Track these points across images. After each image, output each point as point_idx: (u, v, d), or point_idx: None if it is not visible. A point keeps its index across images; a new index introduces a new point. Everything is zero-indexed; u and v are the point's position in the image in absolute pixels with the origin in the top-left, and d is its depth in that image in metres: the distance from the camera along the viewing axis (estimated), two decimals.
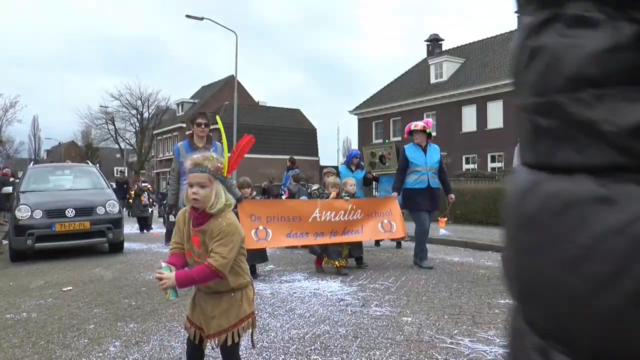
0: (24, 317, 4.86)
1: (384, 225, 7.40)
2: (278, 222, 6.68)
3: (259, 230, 6.45)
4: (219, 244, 2.39)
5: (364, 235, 7.28)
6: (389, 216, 7.42)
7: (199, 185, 2.41)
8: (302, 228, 6.78)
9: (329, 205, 6.99)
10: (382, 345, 3.76)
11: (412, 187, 7.30)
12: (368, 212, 7.28)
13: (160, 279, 2.36)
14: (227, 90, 44.61)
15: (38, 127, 68.16)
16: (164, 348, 3.80)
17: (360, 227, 7.17)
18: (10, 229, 9.18)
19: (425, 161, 7.33)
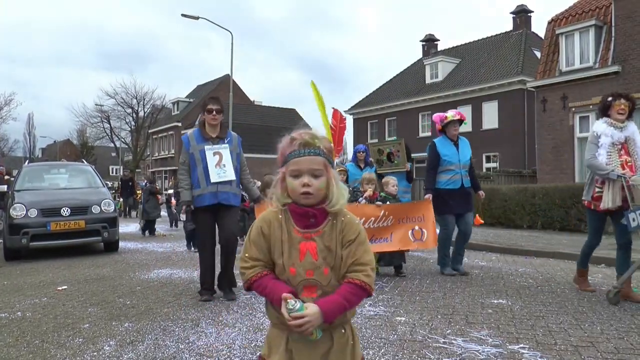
0: (18, 316, 4.87)
1: (414, 233, 6.45)
2: None
3: None
4: (365, 251, 1.74)
5: (392, 245, 6.37)
6: (421, 222, 6.46)
7: (312, 174, 1.70)
8: None
9: (358, 211, 5.96)
10: (375, 344, 3.79)
11: (444, 188, 6.56)
12: (399, 217, 6.39)
13: (298, 324, 1.59)
14: (222, 89, 44.50)
15: (33, 125, 68.03)
16: (158, 347, 3.81)
17: (389, 234, 6.34)
18: (5, 228, 9.15)
19: (458, 158, 6.58)
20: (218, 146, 5.34)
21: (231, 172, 5.32)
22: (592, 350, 3.55)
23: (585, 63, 16.77)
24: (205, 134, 5.39)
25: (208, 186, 5.23)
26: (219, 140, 5.40)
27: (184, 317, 4.71)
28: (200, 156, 5.26)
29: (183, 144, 5.47)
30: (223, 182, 5.27)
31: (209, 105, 5.43)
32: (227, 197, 5.33)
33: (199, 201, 5.30)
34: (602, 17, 16.80)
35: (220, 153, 5.29)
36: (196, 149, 5.30)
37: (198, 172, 5.26)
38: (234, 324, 4.44)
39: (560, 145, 16.94)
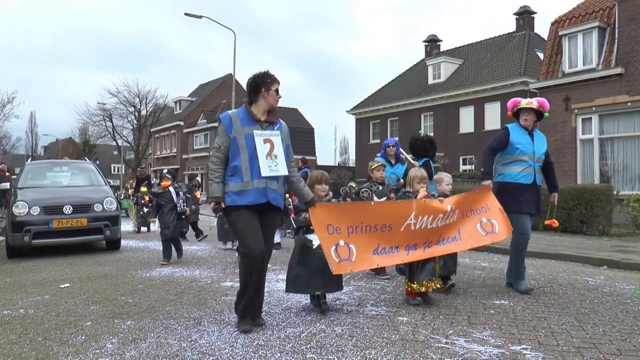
0: (21, 313, 4.88)
1: (484, 225, 5.45)
2: (362, 234, 4.68)
3: (340, 247, 4.48)
4: None
5: (463, 243, 5.31)
6: (487, 213, 5.55)
7: None
8: (391, 240, 4.83)
9: (426, 207, 5.01)
10: (377, 344, 3.79)
11: (514, 182, 5.69)
12: (463, 211, 5.40)
13: None
14: (224, 88, 44.59)
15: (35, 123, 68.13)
16: (160, 345, 3.82)
17: (456, 231, 5.29)
18: (7, 225, 9.18)
19: (532, 149, 5.75)
20: (269, 132, 4.23)
21: (283, 165, 4.24)
22: (594, 352, 3.55)
23: (588, 65, 16.75)
24: (254, 115, 4.24)
25: (254, 180, 4.12)
26: (268, 125, 4.28)
27: (186, 315, 4.71)
28: (246, 142, 4.12)
29: (221, 124, 4.24)
30: (273, 177, 4.19)
31: (276, 85, 4.28)
32: (276, 196, 4.25)
33: (240, 198, 4.12)
34: (605, 18, 16.77)
35: (272, 141, 4.20)
36: (241, 132, 4.15)
37: (242, 161, 4.12)
38: (236, 322, 4.44)
39: (562, 146, 16.91)
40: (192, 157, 44.62)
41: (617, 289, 5.81)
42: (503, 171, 5.82)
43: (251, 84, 4.25)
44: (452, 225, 5.25)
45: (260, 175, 4.11)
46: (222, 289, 6.00)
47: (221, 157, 4.21)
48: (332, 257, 4.40)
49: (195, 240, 11.84)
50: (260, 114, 4.24)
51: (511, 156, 5.74)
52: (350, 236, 4.59)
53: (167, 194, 8.32)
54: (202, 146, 43.34)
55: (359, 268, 4.74)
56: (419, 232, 4.94)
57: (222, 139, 4.21)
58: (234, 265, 7.93)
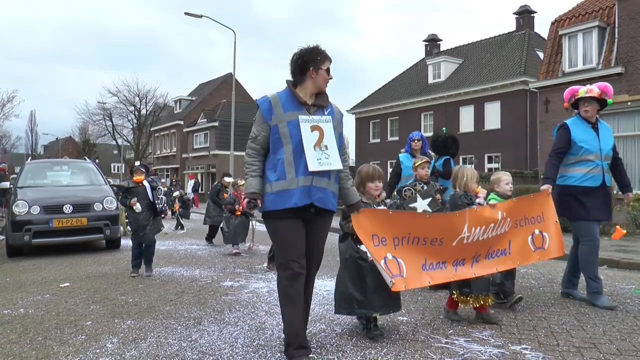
0: (21, 312, 4.88)
1: (535, 239, 4.69)
2: (408, 247, 4.00)
3: (389, 261, 3.81)
4: None
5: (512, 258, 4.54)
6: (541, 223, 4.76)
7: None
8: (440, 255, 4.14)
9: (479, 217, 4.30)
10: (377, 344, 3.79)
11: (579, 185, 4.94)
12: (516, 219, 4.61)
13: None
14: (225, 87, 44.54)
15: (35, 122, 68.03)
16: (160, 345, 3.82)
17: (507, 243, 4.53)
18: (8, 225, 9.18)
19: (599, 146, 4.97)
20: (318, 117, 3.48)
21: (336, 157, 3.46)
22: (594, 352, 3.55)
23: (588, 64, 16.74)
24: (299, 97, 3.50)
25: (299, 177, 3.35)
26: (317, 109, 3.52)
27: (186, 315, 4.72)
28: (290, 130, 3.37)
29: (259, 110, 3.53)
30: (322, 172, 3.42)
31: (327, 63, 3.55)
32: (324, 196, 3.45)
33: (282, 200, 3.37)
34: (605, 18, 16.77)
35: (321, 128, 3.44)
36: (283, 118, 3.41)
37: (285, 153, 3.37)
38: (236, 322, 4.44)
39: None
40: (192, 157, 44.57)
41: (617, 288, 5.81)
42: (565, 173, 5.03)
43: (297, 61, 3.52)
44: (504, 236, 4.49)
45: (307, 171, 3.34)
46: (222, 288, 6.00)
47: (257, 148, 3.50)
48: (387, 271, 3.75)
49: (194, 240, 11.83)
50: (306, 96, 3.52)
51: (575, 156, 4.97)
52: (396, 249, 3.92)
53: (140, 189, 7.16)
54: (202, 145, 43.31)
55: (412, 285, 4.01)
56: (470, 245, 4.25)
57: (259, 128, 3.50)
58: (234, 264, 7.94)
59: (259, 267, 7.60)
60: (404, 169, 6.85)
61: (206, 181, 41.79)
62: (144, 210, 7.03)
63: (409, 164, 6.50)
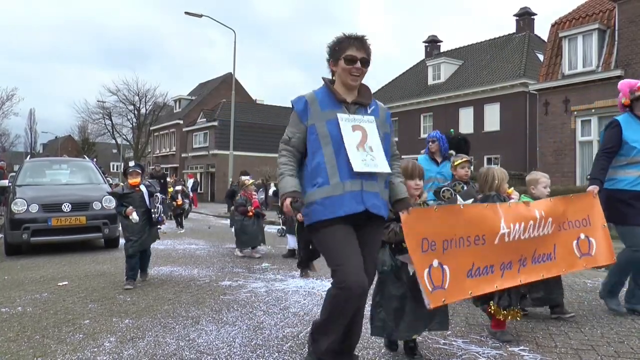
0: (19, 311, 4.88)
1: (580, 244, 4.29)
2: (457, 250, 3.48)
3: (433, 270, 3.31)
4: None
5: (557, 265, 4.11)
6: (587, 227, 4.36)
7: None
8: (486, 257, 3.64)
9: (515, 212, 3.87)
10: (375, 345, 3.79)
11: (630, 189, 4.50)
12: (559, 221, 4.18)
13: None
14: (224, 87, 44.53)
15: (35, 120, 68.03)
16: (158, 344, 3.82)
17: (552, 247, 4.11)
18: (6, 223, 9.17)
19: None
20: (360, 117, 3.12)
21: (383, 160, 3.05)
22: (592, 354, 3.55)
23: (588, 67, 16.76)
24: (338, 95, 3.12)
25: (346, 181, 2.96)
26: (358, 108, 3.15)
27: (184, 314, 4.71)
28: (329, 130, 3.01)
29: (294, 111, 3.16)
30: (371, 175, 3.02)
31: (348, 51, 3.05)
32: (377, 202, 3.04)
33: (330, 208, 2.95)
34: (605, 20, 16.79)
35: (363, 129, 3.08)
36: (321, 118, 3.05)
37: (325, 156, 3.00)
38: (234, 322, 4.44)
39: (561, 148, 16.94)
40: (191, 156, 44.55)
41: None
42: (615, 176, 4.62)
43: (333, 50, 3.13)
44: (547, 238, 4.06)
45: (352, 174, 2.95)
46: (220, 288, 6.00)
47: (291, 150, 3.10)
48: (426, 285, 3.24)
49: (192, 240, 11.83)
50: (344, 93, 3.13)
51: (626, 158, 4.56)
52: (445, 252, 3.39)
53: (136, 195, 6.24)
54: (202, 145, 43.29)
55: (453, 298, 3.45)
56: (514, 244, 3.79)
57: (293, 129, 3.11)
58: (232, 264, 7.93)
59: (257, 267, 7.60)
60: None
61: (205, 181, 41.78)
62: (140, 219, 6.14)
63: (428, 167, 6.05)
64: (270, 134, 41.70)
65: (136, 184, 6.26)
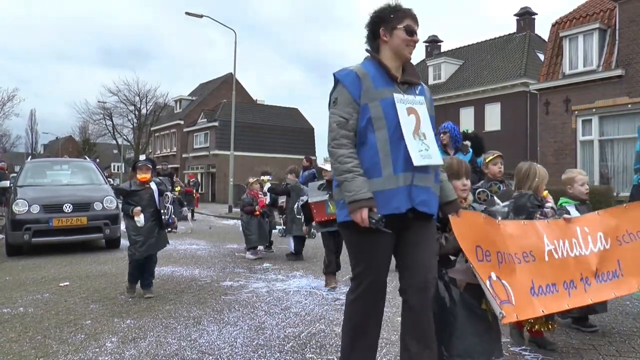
0: (20, 311, 4.88)
1: None
2: (511, 265, 3.08)
3: (494, 282, 2.89)
4: None
5: (626, 282, 3.61)
6: None
7: None
8: (544, 276, 3.23)
9: (556, 229, 3.48)
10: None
11: None
12: (613, 234, 3.71)
13: None
14: (225, 88, 44.54)
15: (35, 121, 68.02)
16: (160, 344, 3.82)
17: (616, 264, 3.64)
18: (7, 223, 9.18)
19: None
20: (412, 98, 2.70)
21: (436, 150, 2.70)
22: (593, 353, 3.55)
23: (588, 66, 16.75)
24: (390, 71, 2.67)
25: (398, 174, 2.57)
26: (409, 87, 2.74)
27: (186, 314, 4.72)
28: (385, 111, 2.58)
29: (341, 85, 2.66)
30: (423, 167, 2.61)
31: (407, 21, 2.67)
32: (428, 198, 2.66)
33: (381, 204, 2.54)
34: (606, 20, 16.78)
35: (416, 112, 2.67)
36: (375, 96, 2.60)
37: (379, 141, 2.57)
38: (235, 322, 4.45)
39: (562, 148, 16.92)
40: (191, 157, 44.56)
41: None
42: None
43: (369, 23, 2.75)
44: (607, 254, 3.60)
45: (406, 165, 2.56)
46: (221, 288, 6.01)
47: (351, 136, 2.60)
48: (491, 295, 2.83)
49: (194, 240, 11.83)
50: (394, 69, 2.69)
51: None
52: (500, 266, 2.97)
53: (145, 193, 5.54)
54: (202, 145, 43.30)
55: (524, 314, 3.04)
56: (567, 262, 3.39)
57: (348, 108, 2.60)
58: (233, 264, 7.94)
59: (258, 268, 7.60)
60: None
61: (206, 181, 41.79)
62: (148, 221, 5.45)
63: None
64: (271, 134, 41.76)
65: (146, 180, 5.57)
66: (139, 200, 5.48)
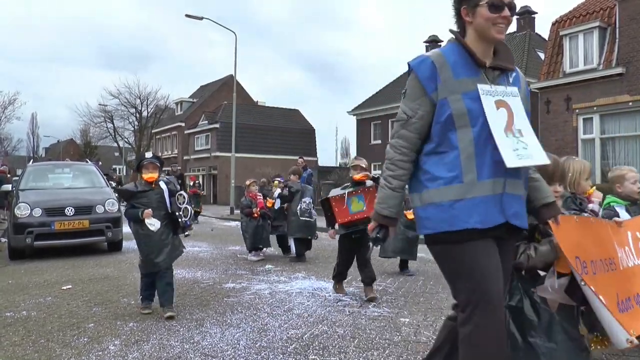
0: (23, 315, 4.89)
1: None
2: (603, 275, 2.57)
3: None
4: None
5: None
6: None
7: None
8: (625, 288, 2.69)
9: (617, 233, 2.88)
10: (379, 345, 3.80)
11: None
12: None
13: None
14: (226, 89, 44.59)
15: (37, 124, 68.21)
16: (163, 347, 3.83)
17: None
18: (10, 227, 9.19)
19: None
20: (502, 89, 2.27)
21: (537, 146, 2.26)
22: (597, 352, 3.55)
23: (589, 65, 16.74)
24: (476, 57, 2.25)
25: (484, 180, 2.16)
26: (499, 75, 2.30)
27: (189, 317, 4.72)
28: (468, 106, 2.18)
29: (415, 77, 2.28)
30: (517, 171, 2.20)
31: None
32: (521, 210, 2.26)
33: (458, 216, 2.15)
34: (606, 18, 16.77)
35: (508, 105, 2.25)
36: (457, 88, 2.20)
37: (461, 142, 2.17)
38: (238, 324, 4.45)
39: (563, 146, 16.91)
40: (193, 159, 44.60)
41: None
42: None
43: (453, 1, 2.36)
44: None
45: (495, 169, 2.15)
46: (224, 290, 6.01)
47: (412, 138, 2.24)
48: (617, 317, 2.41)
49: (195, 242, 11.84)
50: (481, 53, 2.25)
51: None
52: (595, 277, 2.48)
53: (154, 193, 4.88)
54: (203, 147, 43.35)
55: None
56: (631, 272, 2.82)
57: (414, 105, 2.25)
58: (235, 266, 7.94)
59: (260, 269, 7.60)
60: None
61: (207, 183, 41.81)
62: (160, 226, 4.82)
63: None
64: (272, 135, 41.80)
65: (153, 179, 4.90)
66: (147, 203, 4.82)
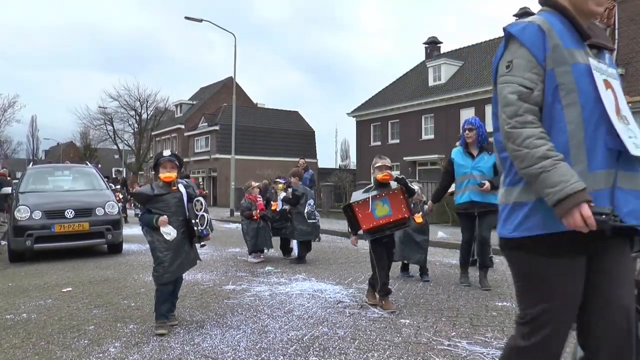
0: (24, 317, 4.88)
1: None
2: None
3: None
4: None
5: None
6: None
7: None
8: None
9: None
10: (380, 347, 3.79)
11: None
12: None
13: None
14: (225, 91, 44.65)
15: (36, 127, 68.26)
16: (163, 349, 3.82)
17: None
18: (10, 230, 9.19)
19: None
20: (604, 67, 1.94)
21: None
22: None
23: None
24: (582, 28, 1.94)
25: (596, 171, 1.80)
26: (599, 53, 1.99)
27: (189, 319, 4.72)
28: (578, 83, 1.83)
29: (519, 43, 1.91)
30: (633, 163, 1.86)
31: None
32: (637, 206, 1.85)
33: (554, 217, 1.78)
34: (605, 19, 16.80)
35: (612, 87, 1.91)
36: (567, 58, 1.85)
37: (569, 124, 1.81)
38: (238, 326, 4.45)
39: None
40: (193, 161, 44.62)
41: None
42: None
43: None
44: None
45: (609, 161, 1.82)
46: (224, 292, 6.01)
47: (537, 112, 1.85)
48: None
49: None
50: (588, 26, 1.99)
51: None
52: None
53: (172, 196, 4.38)
54: (203, 149, 43.39)
55: None
56: None
57: (532, 74, 1.86)
58: (235, 268, 7.94)
59: (260, 271, 7.60)
60: (456, 167, 5.55)
61: (207, 185, 41.82)
62: (178, 234, 4.34)
63: (462, 162, 5.31)
64: (272, 137, 41.83)
65: (171, 179, 4.37)
66: (164, 208, 4.32)
